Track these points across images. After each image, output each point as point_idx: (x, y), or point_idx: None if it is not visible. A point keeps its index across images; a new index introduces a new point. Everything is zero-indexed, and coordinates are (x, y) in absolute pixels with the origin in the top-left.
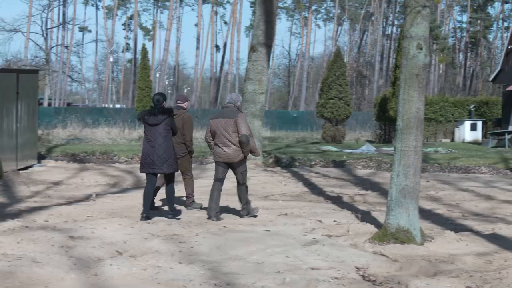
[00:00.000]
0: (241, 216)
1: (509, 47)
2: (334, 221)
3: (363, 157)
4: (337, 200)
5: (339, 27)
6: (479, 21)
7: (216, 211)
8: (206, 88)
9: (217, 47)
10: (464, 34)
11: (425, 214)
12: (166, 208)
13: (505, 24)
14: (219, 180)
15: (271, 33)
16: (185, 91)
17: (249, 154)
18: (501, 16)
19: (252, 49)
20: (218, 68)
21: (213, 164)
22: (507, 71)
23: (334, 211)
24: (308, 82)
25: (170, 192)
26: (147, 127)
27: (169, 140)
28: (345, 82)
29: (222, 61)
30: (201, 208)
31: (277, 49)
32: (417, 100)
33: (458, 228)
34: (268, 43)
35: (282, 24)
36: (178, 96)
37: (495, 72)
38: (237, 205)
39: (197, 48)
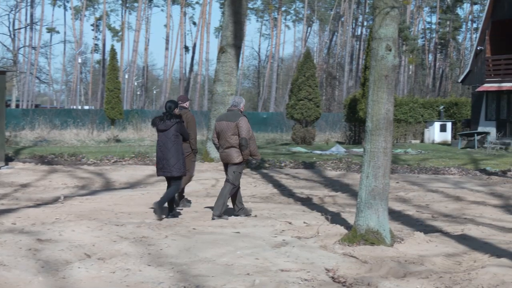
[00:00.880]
0: (213, 216)
1: (478, 48)
2: (304, 222)
3: (333, 158)
4: (307, 202)
5: (309, 28)
6: (448, 22)
7: (222, 210)
8: (175, 89)
9: (186, 48)
10: (434, 35)
11: (394, 215)
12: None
13: (474, 25)
14: (228, 181)
15: (240, 34)
16: (154, 92)
17: (249, 157)
18: (470, 17)
19: (221, 50)
20: (188, 69)
21: None
22: (476, 72)
23: (304, 213)
24: (278, 83)
25: (171, 191)
26: (158, 133)
27: (178, 145)
28: (314, 83)
29: (192, 62)
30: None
31: (246, 50)
32: (386, 101)
33: (427, 229)
34: (237, 44)
35: (252, 25)
36: (179, 96)
37: (464, 73)
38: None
39: (166, 49)
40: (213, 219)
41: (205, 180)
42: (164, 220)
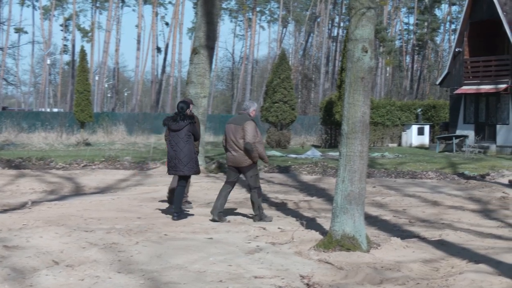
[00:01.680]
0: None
1: (457, 49)
2: (279, 228)
3: (308, 162)
4: (281, 207)
5: (284, 29)
6: (426, 23)
7: (219, 211)
8: (147, 92)
9: (158, 49)
10: (411, 36)
11: (371, 220)
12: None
13: (453, 26)
14: (228, 183)
15: (213, 35)
16: (125, 94)
17: (258, 160)
18: (448, 18)
19: (194, 51)
20: (160, 71)
21: (155, 170)
22: (454, 74)
23: (279, 218)
24: (252, 85)
25: (179, 193)
26: (170, 133)
27: (190, 145)
28: (290, 85)
29: (164, 63)
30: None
31: (220, 52)
32: (363, 104)
33: (404, 234)
34: (211, 45)
35: (226, 26)
36: (183, 100)
37: (443, 75)
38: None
39: (138, 50)
40: (254, 222)
41: None
42: (135, 225)
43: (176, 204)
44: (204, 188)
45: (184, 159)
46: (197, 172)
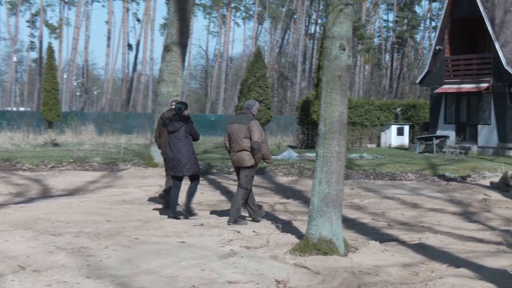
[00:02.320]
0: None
1: (437, 47)
2: (253, 231)
3: (284, 163)
4: None
5: (260, 26)
6: (406, 20)
7: (237, 216)
8: (118, 90)
9: (129, 46)
10: (391, 33)
11: (349, 223)
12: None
13: (433, 23)
14: (240, 186)
15: (186, 32)
16: (95, 93)
17: (261, 160)
18: (428, 15)
19: (166, 49)
20: (131, 69)
21: (126, 171)
22: (434, 72)
23: (253, 221)
24: (226, 84)
25: (190, 191)
26: (169, 134)
27: (188, 145)
28: (265, 84)
29: (135, 61)
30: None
31: (193, 49)
32: (340, 104)
33: (383, 238)
34: (183, 42)
35: (199, 22)
36: (174, 100)
37: (423, 74)
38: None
39: (108, 47)
40: (228, 224)
41: (149, 187)
42: (104, 229)
43: (187, 201)
44: None
45: (183, 159)
46: (195, 172)
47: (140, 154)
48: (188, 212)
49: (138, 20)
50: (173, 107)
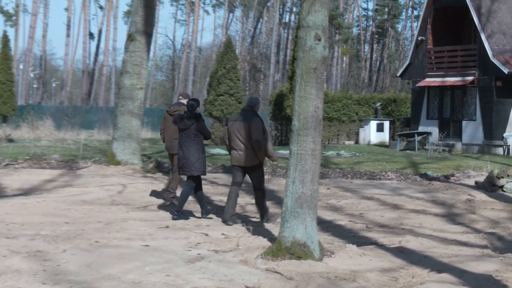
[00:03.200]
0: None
1: (419, 38)
2: (222, 234)
3: None
4: None
5: (231, 14)
6: (386, 9)
7: (231, 214)
8: (78, 82)
9: (90, 35)
10: (370, 23)
11: (324, 225)
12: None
13: (415, 12)
14: (236, 184)
15: (151, 20)
16: (54, 85)
17: (266, 158)
18: (410, 3)
19: (130, 38)
20: (92, 60)
21: (86, 169)
22: (417, 65)
23: (223, 223)
24: (195, 76)
25: (185, 193)
26: (179, 132)
27: (198, 144)
28: (236, 76)
29: (97, 51)
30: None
31: (159, 38)
32: (315, 98)
33: (361, 241)
34: (148, 31)
35: (166, 10)
36: (181, 93)
37: (404, 66)
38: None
39: (68, 36)
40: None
41: (111, 186)
42: (62, 231)
43: (179, 204)
44: (140, 190)
45: (191, 158)
46: (204, 173)
47: (102, 151)
48: (206, 212)
49: (100, 7)
50: (181, 100)
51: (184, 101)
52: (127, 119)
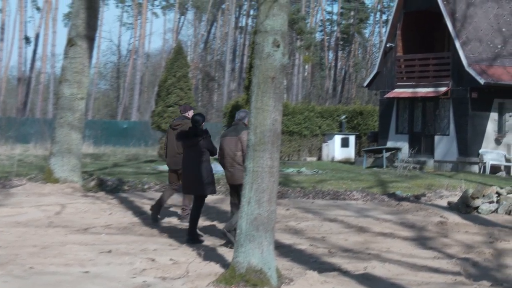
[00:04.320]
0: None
1: (388, 45)
2: (171, 259)
3: None
4: (175, 234)
5: (182, 17)
6: (352, 13)
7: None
8: (13, 91)
9: (27, 39)
10: (335, 28)
11: (283, 250)
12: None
13: (384, 17)
14: (234, 206)
15: (94, 23)
16: None
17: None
18: (378, 7)
19: (70, 43)
20: (28, 66)
21: (20, 188)
22: (385, 74)
23: (171, 247)
24: (142, 85)
25: (194, 215)
26: (184, 149)
27: (205, 163)
28: (187, 85)
29: (34, 57)
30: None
31: (103, 43)
32: (273, 110)
33: (323, 267)
34: (91, 35)
35: (110, 12)
36: (181, 106)
37: (371, 76)
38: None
39: (1, 40)
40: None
41: (48, 206)
42: None
43: (190, 228)
44: (80, 210)
45: (201, 177)
46: (214, 191)
47: (38, 167)
48: (192, 240)
49: (38, 8)
50: (183, 114)
51: (186, 114)
52: (66, 132)
